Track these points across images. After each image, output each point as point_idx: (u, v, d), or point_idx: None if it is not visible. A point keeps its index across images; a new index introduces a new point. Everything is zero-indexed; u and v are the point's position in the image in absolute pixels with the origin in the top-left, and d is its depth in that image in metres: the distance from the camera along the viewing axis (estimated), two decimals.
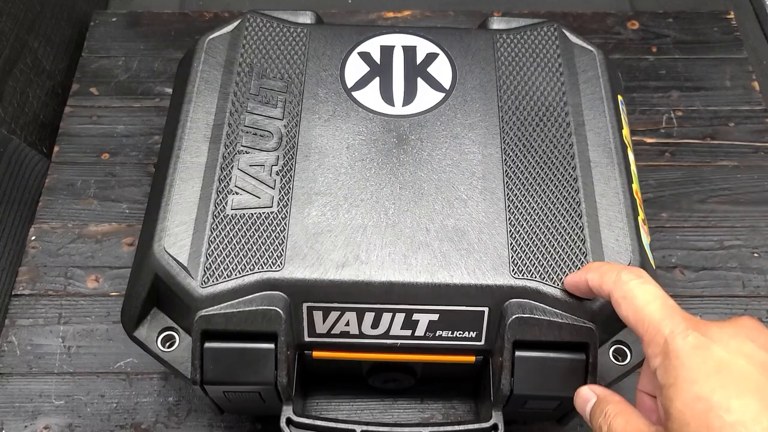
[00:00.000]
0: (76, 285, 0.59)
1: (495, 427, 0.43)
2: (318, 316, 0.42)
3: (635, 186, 0.47)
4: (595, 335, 0.41)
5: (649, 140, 0.67)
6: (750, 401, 0.29)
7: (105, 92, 0.70)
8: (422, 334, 0.43)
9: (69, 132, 0.67)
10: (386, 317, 0.42)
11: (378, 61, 0.51)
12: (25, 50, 0.65)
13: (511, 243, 0.43)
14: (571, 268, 0.42)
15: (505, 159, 0.46)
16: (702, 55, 0.73)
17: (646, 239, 0.46)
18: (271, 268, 0.41)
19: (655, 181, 0.65)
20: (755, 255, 0.61)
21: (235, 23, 0.53)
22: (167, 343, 0.43)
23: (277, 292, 0.41)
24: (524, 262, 0.42)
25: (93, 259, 0.60)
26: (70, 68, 0.72)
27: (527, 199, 0.44)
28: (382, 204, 0.44)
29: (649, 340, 0.33)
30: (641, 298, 0.34)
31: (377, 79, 0.50)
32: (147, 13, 0.76)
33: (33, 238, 0.61)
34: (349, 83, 0.50)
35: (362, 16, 0.76)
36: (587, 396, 0.38)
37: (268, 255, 0.42)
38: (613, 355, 0.43)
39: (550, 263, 0.42)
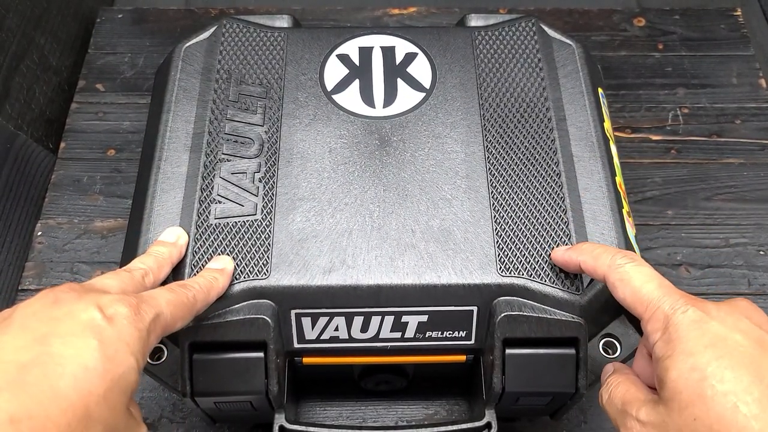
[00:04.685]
0: (81, 280, 0.58)
1: (488, 425, 0.43)
2: (307, 322, 0.42)
3: (618, 179, 0.48)
4: (584, 330, 0.41)
5: (654, 137, 0.67)
6: (743, 373, 0.30)
7: (111, 89, 0.70)
8: (412, 336, 0.43)
9: (75, 128, 0.68)
10: (375, 320, 0.42)
11: (357, 63, 0.51)
12: (32, 47, 0.65)
13: (497, 241, 0.43)
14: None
15: (488, 157, 0.46)
16: (709, 52, 0.73)
17: (631, 231, 0.46)
18: (257, 276, 0.41)
19: (661, 179, 0.65)
20: (761, 253, 0.61)
21: (212, 30, 0.52)
22: (155, 356, 0.43)
23: (265, 300, 0.41)
24: (511, 259, 0.42)
25: (99, 255, 0.60)
26: (77, 65, 0.72)
27: (511, 196, 0.44)
28: (367, 207, 0.44)
29: (650, 317, 0.34)
30: (638, 279, 0.35)
31: (357, 81, 0.50)
32: (153, 10, 0.76)
33: (39, 233, 0.61)
34: (329, 86, 0.50)
35: (368, 13, 0.76)
36: (607, 369, 0.39)
37: (254, 263, 0.41)
38: (603, 349, 0.43)
39: (536, 260, 0.42)
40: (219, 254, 0.42)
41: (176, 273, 0.41)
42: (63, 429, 0.28)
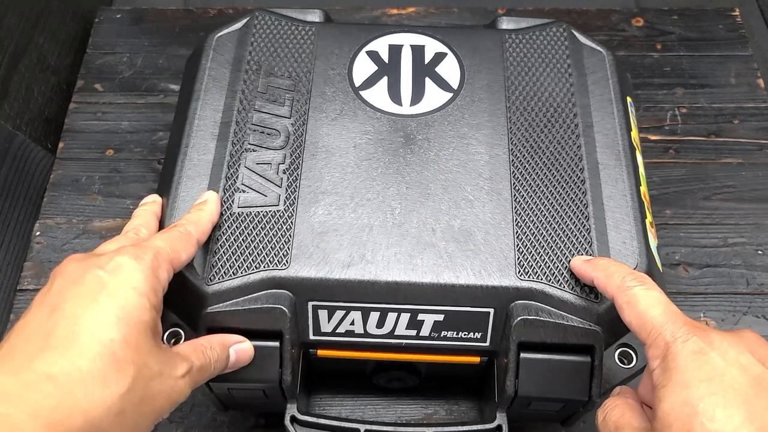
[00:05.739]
0: None
1: (499, 428, 0.43)
2: (323, 314, 0.42)
3: (643, 188, 0.47)
4: (601, 338, 0.40)
5: (653, 137, 0.67)
6: (735, 412, 0.29)
7: (109, 88, 0.70)
8: (427, 334, 0.43)
9: (74, 128, 0.68)
10: (391, 317, 0.42)
11: (386, 60, 0.51)
12: (31, 46, 0.65)
13: (518, 244, 0.42)
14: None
15: (512, 160, 0.46)
16: (707, 52, 0.73)
17: (653, 242, 0.46)
18: (277, 266, 0.41)
19: (659, 179, 0.65)
20: (759, 252, 0.61)
21: (244, 21, 0.53)
22: (173, 340, 0.43)
23: (283, 291, 0.41)
24: (530, 263, 0.42)
25: None
26: (75, 64, 0.72)
27: (534, 200, 0.44)
28: (389, 204, 0.44)
29: (651, 343, 0.33)
30: (644, 303, 0.35)
31: (385, 79, 0.50)
32: (151, 10, 0.76)
33: (38, 233, 0.61)
34: (357, 82, 0.50)
35: (366, 13, 0.76)
36: (614, 392, 0.38)
37: (274, 253, 0.42)
38: (618, 358, 0.43)
39: (556, 265, 0.42)
40: (241, 243, 0.42)
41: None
42: (97, 376, 0.30)
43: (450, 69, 0.51)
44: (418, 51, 0.52)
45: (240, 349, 0.40)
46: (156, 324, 0.35)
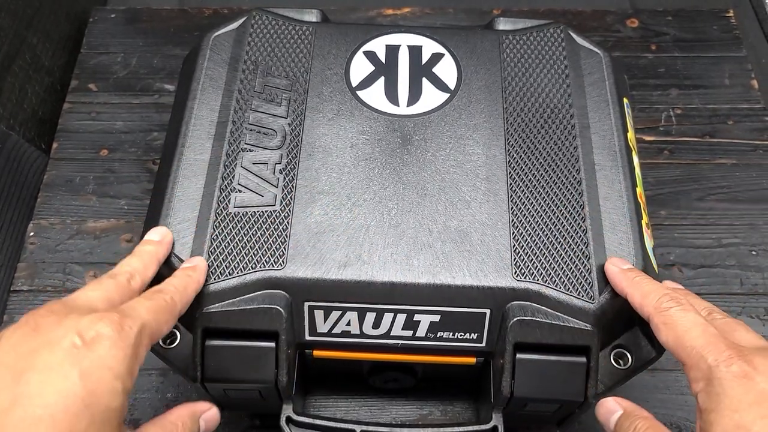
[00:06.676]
0: (74, 281, 0.59)
1: (495, 429, 0.43)
2: (319, 315, 0.42)
3: (639, 189, 0.47)
4: (596, 339, 0.40)
5: (648, 138, 0.68)
6: None
7: (104, 89, 0.70)
8: (423, 335, 0.43)
9: (68, 128, 0.67)
10: (387, 317, 0.42)
11: (383, 61, 0.51)
12: (24, 46, 0.65)
13: (514, 245, 0.42)
14: (573, 271, 0.42)
15: (509, 161, 0.46)
16: (701, 53, 0.73)
17: (649, 243, 0.46)
18: (273, 266, 0.41)
19: (654, 179, 0.65)
20: (753, 253, 0.61)
21: (241, 20, 0.53)
22: (168, 340, 0.43)
23: (279, 291, 0.41)
24: (527, 264, 0.42)
25: (91, 255, 0.60)
26: (69, 64, 0.72)
27: (530, 201, 0.44)
28: (385, 204, 0.44)
29: (692, 365, 0.34)
30: (682, 326, 0.35)
31: (382, 79, 0.50)
32: (146, 10, 0.76)
33: (31, 234, 0.61)
34: (354, 82, 0.50)
35: (362, 13, 0.76)
36: (613, 408, 0.38)
37: (271, 253, 0.42)
38: (614, 359, 0.43)
39: (552, 266, 0.42)
40: (237, 243, 0.42)
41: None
42: None
43: (447, 69, 0.51)
44: (415, 51, 0.52)
45: (209, 416, 0.39)
46: (124, 408, 0.31)
